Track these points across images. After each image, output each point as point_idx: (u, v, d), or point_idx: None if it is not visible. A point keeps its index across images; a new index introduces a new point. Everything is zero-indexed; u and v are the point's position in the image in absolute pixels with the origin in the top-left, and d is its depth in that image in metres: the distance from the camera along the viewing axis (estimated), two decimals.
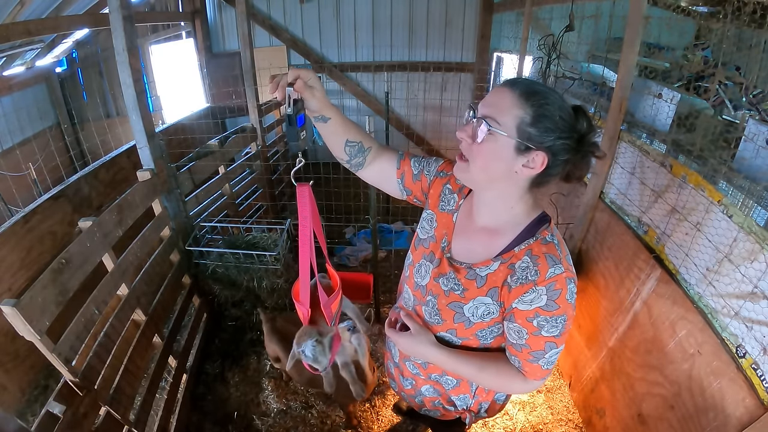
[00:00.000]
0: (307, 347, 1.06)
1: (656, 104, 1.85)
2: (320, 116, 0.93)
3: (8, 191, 3.21)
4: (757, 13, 1.33)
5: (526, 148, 0.77)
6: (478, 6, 4.64)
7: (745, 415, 1.15)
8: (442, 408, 1.15)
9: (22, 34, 2.66)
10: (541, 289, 0.80)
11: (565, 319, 0.83)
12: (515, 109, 0.76)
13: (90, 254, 1.51)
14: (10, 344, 2.03)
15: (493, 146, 0.79)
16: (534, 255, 0.82)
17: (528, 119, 0.75)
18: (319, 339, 1.07)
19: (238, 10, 3.12)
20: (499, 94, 0.78)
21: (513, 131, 0.76)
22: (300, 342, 1.08)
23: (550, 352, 0.86)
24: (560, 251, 0.82)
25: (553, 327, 0.83)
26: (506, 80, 0.81)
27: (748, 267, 1.19)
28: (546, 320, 0.82)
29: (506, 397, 1.19)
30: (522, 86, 0.77)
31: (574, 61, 2.71)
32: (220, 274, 2.35)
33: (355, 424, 2.06)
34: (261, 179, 3.53)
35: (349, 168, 1.06)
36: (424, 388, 1.13)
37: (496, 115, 0.77)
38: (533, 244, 0.83)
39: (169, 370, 2.09)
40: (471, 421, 1.16)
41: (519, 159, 0.78)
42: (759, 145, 1.34)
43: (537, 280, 0.80)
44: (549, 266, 0.80)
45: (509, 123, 0.76)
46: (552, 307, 0.81)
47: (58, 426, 1.20)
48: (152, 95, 4.78)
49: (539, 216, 0.88)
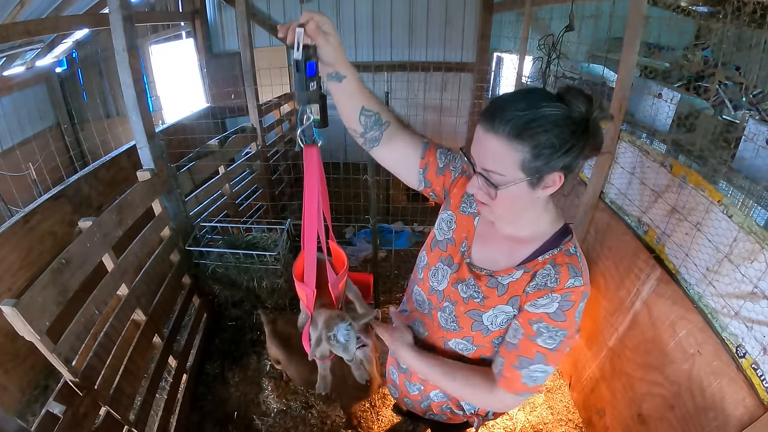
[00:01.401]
0: (340, 331, 0.91)
1: (656, 104, 1.85)
2: (334, 73, 0.84)
3: (8, 191, 3.21)
4: (757, 13, 1.33)
5: (540, 178, 0.73)
6: (478, 6, 4.64)
7: (745, 415, 1.15)
8: (450, 412, 1.13)
9: (22, 34, 2.66)
10: (555, 296, 0.79)
11: (565, 335, 0.81)
12: (511, 153, 0.71)
13: (90, 254, 1.51)
14: (10, 344, 2.03)
15: (507, 194, 0.75)
16: (557, 264, 0.81)
17: (528, 156, 0.70)
18: (352, 323, 0.94)
19: (238, 10, 3.12)
20: (487, 142, 0.72)
21: (519, 174, 0.72)
22: (331, 325, 0.93)
23: (536, 365, 0.82)
24: (582, 265, 0.81)
25: (550, 338, 0.80)
26: (484, 119, 0.73)
27: (748, 267, 1.19)
28: (547, 328, 0.80)
29: None
30: (505, 126, 0.69)
31: (574, 61, 2.71)
32: (220, 274, 2.35)
33: (355, 424, 2.06)
34: (261, 179, 3.54)
35: (363, 144, 0.94)
36: (434, 393, 1.10)
37: (497, 167, 0.73)
38: (557, 254, 0.82)
39: (169, 370, 2.09)
40: (479, 424, 1.13)
41: (536, 189, 0.75)
42: (759, 145, 1.34)
43: (555, 288, 0.79)
44: (570, 276, 0.79)
45: (512, 169, 0.72)
46: (558, 318, 0.79)
47: (58, 426, 1.20)
48: (152, 95, 4.78)
49: (563, 228, 0.86)
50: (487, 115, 0.72)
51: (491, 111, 0.72)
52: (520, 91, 0.76)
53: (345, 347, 0.93)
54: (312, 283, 0.90)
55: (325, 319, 0.95)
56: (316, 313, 0.98)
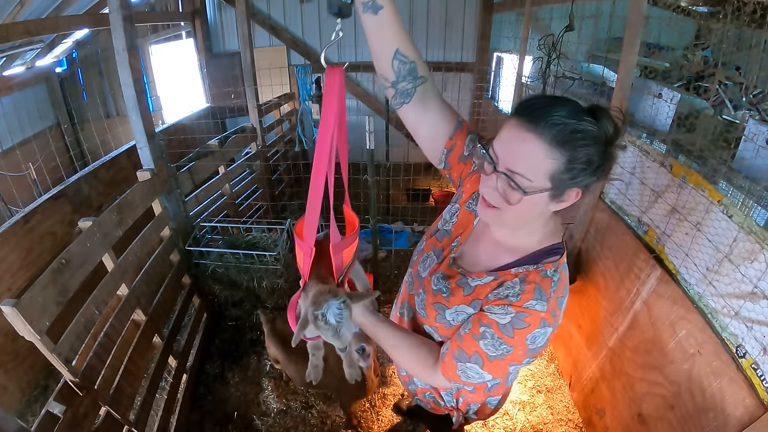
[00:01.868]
0: (331, 310, 0.75)
1: (656, 104, 1.85)
2: (371, 1, 0.78)
3: (8, 191, 3.21)
4: (757, 13, 1.33)
5: (562, 192, 0.70)
6: (478, 6, 4.65)
7: (745, 415, 1.15)
8: (433, 401, 1.14)
9: (22, 34, 2.66)
10: (511, 311, 0.76)
11: (509, 351, 0.76)
12: (547, 161, 0.66)
13: (90, 254, 1.51)
14: (10, 344, 2.03)
15: (526, 201, 0.70)
16: (526, 281, 0.77)
17: (562, 167, 0.67)
18: (347, 301, 0.77)
19: (238, 10, 3.12)
20: (525, 142, 0.67)
21: (546, 183, 0.68)
22: (318, 302, 0.76)
23: (472, 365, 0.80)
24: (554, 290, 0.77)
25: (492, 346, 0.77)
26: (526, 116, 0.67)
27: (748, 267, 1.19)
28: (492, 336, 0.77)
29: (499, 402, 1.14)
30: (551, 130, 0.65)
31: (574, 61, 2.71)
32: (220, 274, 2.36)
33: (355, 424, 2.06)
34: (261, 179, 3.54)
35: (392, 98, 0.88)
36: (416, 378, 1.12)
37: (526, 171, 0.67)
38: (531, 271, 0.78)
39: (169, 370, 2.09)
40: (458, 420, 1.14)
41: (553, 202, 0.72)
42: (759, 145, 1.34)
43: (514, 302, 0.76)
44: (533, 298, 0.75)
45: (541, 177, 0.68)
46: (506, 332, 0.76)
47: (58, 426, 1.20)
48: (152, 95, 4.78)
49: (553, 246, 0.81)
50: (529, 113, 0.67)
51: (534, 109, 0.67)
52: (557, 97, 0.71)
53: (336, 332, 0.76)
54: (311, 239, 0.78)
55: (314, 293, 0.78)
56: (308, 283, 0.82)
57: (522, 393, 2.24)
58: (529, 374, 2.35)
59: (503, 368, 0.80)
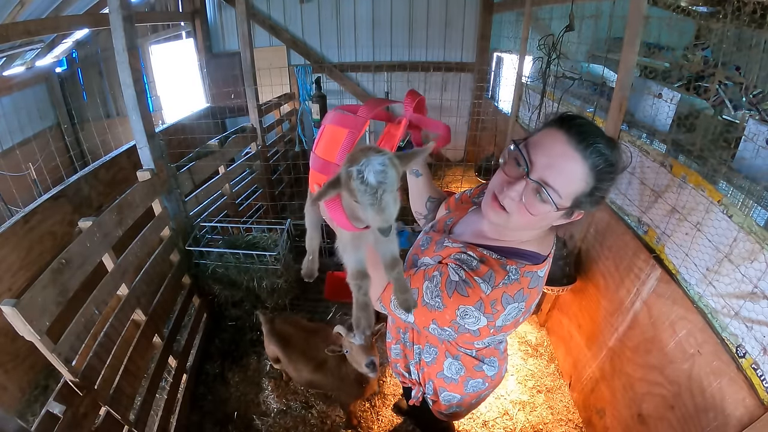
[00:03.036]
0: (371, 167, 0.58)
1: (656, 104, 1.85)
2: (415, 170, 1.09)
3: (8, 191, 3.22)
4: (757, 13, 1.33)
5: (573, 212, 0.75)
6: (478, 6, 4.65)
7: (745, 415, 1.15)
8: (401, 373, 1.23)
9: (22, 34, 2.66)
10: (462, 275, 0.78)
11: (438, 307, 0.80)
12: (581, 183, 0.70)
13: (90, 254, 1.51)
14: (10, 344, 2.03)
15: (544, 213, 0.73)
16: (484, 262, 0.80)
17: (587, 192, 0.71)
18: (392, 158, 0.60)
19: (238, 10, 3.12)
20: (571, 162, 0.69)
21: (569, 202, 0.72)
22: (356, 158, 0.59)
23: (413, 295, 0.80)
24: (504, 284, 0.77)
25: (430, 293, 0.81)
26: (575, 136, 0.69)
27: (748, 267, 1.19)
28: (437, 284, 0.80)
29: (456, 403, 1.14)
30: (597, 158, 0.68)
31: (574, 61, 2.71)
32: (220, 274, 2.36)
33: (355, 424, 2.06)
34: (261, 179, 3.54)
35: (423, 223, 1.19)
36: (393, 347, 1.21)
37: (561, 188, 0.70)
38: (492, 258, 0.81)
39: (169, 370, 2.09)
40: (416, 395, 1.20)
41: (562, 218, 0.77)
42: (759, 145, 1.34)
43: (467, 271, 0.79)
44: (482, 277, 0.77)
45: (569, 196, 0.71)
46: (448, 289, 0.78)
47: (58, 426, 1.20)
48: (152, 95, 4.78)
49: (531, 253, 0.84)
50: (578, 133, 0.69)
51: (582, 130, 0.70)
52: (593, 123, 0.74)
53: (375, 198, 0.58)
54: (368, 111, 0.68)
55: (354, 151, 0.62)
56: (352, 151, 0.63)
57: (522, 393, 2.24)
58: (529, 374, 2.35)
59: (427, 319, 0.83)
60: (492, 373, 1.08)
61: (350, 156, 0.61)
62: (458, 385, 1.08)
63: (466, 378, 1.07)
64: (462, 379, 1.07)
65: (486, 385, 1.10)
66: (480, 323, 0.79)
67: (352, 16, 4.79)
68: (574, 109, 2.49)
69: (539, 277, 0.83)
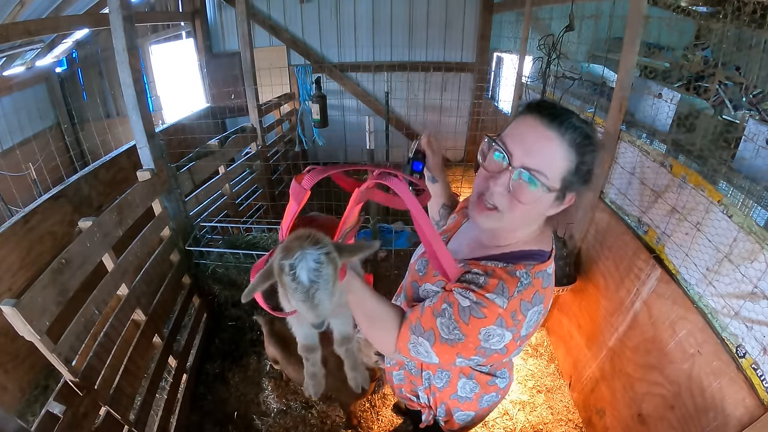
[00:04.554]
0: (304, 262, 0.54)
1: (656, 104, 1.85)
2: (432, 176, 1.08)
3: (8, 191, 3.21)
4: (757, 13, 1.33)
5: (565, 194, 0.73)
6: (478, 6, 4.65)
7: (745, 415, 1.15)
8: (407, 397, 1.19)
9: (22, 34, 2.66)
10: (471, 296, 0.74)
11: (460, 339, 0.74)
12: (565, 161, 0.69)
13: (90, 254, 1.51)
14: (10, 344, 2.03)
15: (535, 201, 0.72)
16: (492, 275, 0.75)
17: (573, 168, 0.70)
18: (333, 254, 0.57)
19: (238, 10, 3.12)
20: (547, 141, 0.69)
21: (558, 183, 0.71)
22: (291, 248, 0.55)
23: (424, 341, 0.78)
24: (519, 291, 0.73)
25: (446, 328, 0.75)
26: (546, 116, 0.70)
27: (748, 267, 1.19)
28: (450, 317, 0.75)
29: (470, 421, 1.11)
30: (573, 132, 0.68)
31: (574, 61, 2.71)
32: (220, 274, 2.35)
33: (355, 424, 2.06)
34: (261, 179, 3.54)
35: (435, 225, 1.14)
36: (395, 373, 1.18)
37: (545, 168, 0.69)
38: (498, 269, 0.76)
39: (169, 370, 2.09)
40: (427, 419, 1.17)
41: (554, 205, 0.75)
42: (759, 145, 1.34)
43: (476, 290, 0.74)
44: (494, 292, 0.73)
45: (556, 176, 0.70)
46: (463, 317, 0.73)
47: (58, 426, 1.20)
48: (152, 95, 4.78)
49: (535, 251, 0.80)
50: (549, 114, 0.70)
51: (551, 110, 0.70)
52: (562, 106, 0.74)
53: (308, 296, 0.54)
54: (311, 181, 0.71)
55: (290, 238, 0.58)
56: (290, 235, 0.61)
57: (522, 393, 2.24)
58: (529, 374, 2.35)
59: (451, 355, 0.77)
60: (504, 385, 1.07)
61: (285, 245, 0.57)
62: (473, 403, 1.05)
63: (481, 395, 1.04)
64: (476, 397, 1.04)
65: (499, 396, 1.08)
66: (505, 339, 0.74)
67: (352, 16, 4.79)
68: (574, 109, 2.49)
69: (549, 275, 0.79)
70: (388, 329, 0.82)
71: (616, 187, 1.93)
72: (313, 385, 0.78)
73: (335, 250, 0.57)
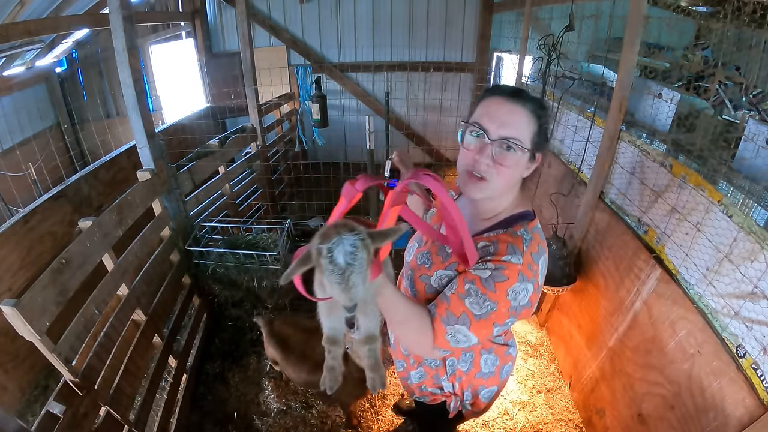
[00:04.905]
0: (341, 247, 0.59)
1: (656, 104, 1.85)
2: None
3: (8, 191, 3.21)
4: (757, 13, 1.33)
5: (534, 154, 0.86)
6: (478, 6, 4.64)
7: (745, 415, 1.15)
8: (430, 393, 1.18)
9: (22, 34, 2.66)
10: (490, 265, 0.83)
11: (493, 308, 0.82)
12: (531, 125, 0.84)
13: (90, 254, 1.51)
14: (10, 344, 2.03)
15: (514, 163, 0.84)
16: (499, 242, 0.86)
17: (537, 130, 0.84)
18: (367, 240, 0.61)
19: (238, 10, 3.12)
20: (513, 113, 0.83)
21: (529, 144, 0.84)
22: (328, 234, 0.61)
23: (460, 327, 0.84)
24: (527, 246, 0.84)
25: (477, 304, 0.82)
26: (506, 94, 0.84)
27: (748, 267, 1.19)
28: (476, 292, 0.82)
29: (492, 396, 1.17)
30: (532, 103, 0.84)
31: (574, 61, 2.71)
32: (220, 274, 2.35)
33: (355, 424, 2.06)
34: (261, 179, 3.54)
35: None
36: (413, 373, 1.17)
37: (518, 134, 0.83)
38: (501, 234, 0.88)
39: (169, 370, 2.09)
40: (455, 406, 1.16)
41: (529, 164, 0.88)
42: (759, 145, 1.34)
43: (491, 259, 0.84)
44: (507, 253, 0.83)
45: (527, 139, 0.84)
46: (488, 286, 0.82)
47: (58, 426, 1.20)
48: (152, 95, 4.78)
49: (522, 212, 0.92)
50: (508, 92, 0.85)
51: (510, 89, 0.86)
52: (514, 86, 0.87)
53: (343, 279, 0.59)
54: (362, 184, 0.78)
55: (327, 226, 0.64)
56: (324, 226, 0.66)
57: (522, 393, 2.24)
58: (529, 374, 2.35)
59: (488, 328, 0.85)
60: (515, 352, 1.15)
61: (323, 232, 0.62)
62: (495, 377, 1.12)
63: (501, 366, 1.11)
64: (498, 369, 1.11)
65: (512, 366, 1.16)
66: (528, 292, 0.84)
67: (352, 16, 4.79)
68: (574, 108, 2.49)
69: (540, 229, 0.92)
70: (423, 331, 0.87)
71: (616, 187, 1.93)
72: (330, 378, 0.81)
73: (369, 237, 0.62)
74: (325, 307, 0.79)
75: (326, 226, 0.64)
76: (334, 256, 0.59)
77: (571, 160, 2.46)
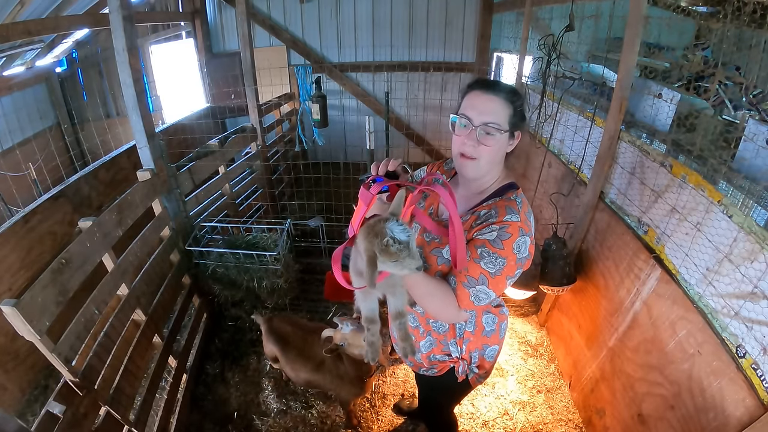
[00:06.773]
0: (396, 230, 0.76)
1: (656, 104, 1.85)
2: None
3: (8, 191, 3.21)
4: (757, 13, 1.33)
5: (513, 133, 1.03)
6: (478, 6, 4.64)
7: (745, 415, 1.15)
8: (438, 361, 1.26)
9: (22, 34, 2.66)
10: (495, 227, 0.98)
11: (504, 263, 0.97)
12: (506, 110, 1.00)
13: (90, 254, 1.51)
14: (10, 344, 2.03)
15: (496, 144, 1.01)
16: (497, 207, 1.02)
17: (512, 113, 1.01)
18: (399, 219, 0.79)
19: (238, 10, 3.12)
20: (490, 101, 1.00)
21: (507, 126, 1.01)
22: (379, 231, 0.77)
23: (480, 286, 0.98)
24: (520, 207, 1.01)
25: (491, 263, 0.97)
26: (483, 87, 1.01)
27: (748, 267, 1.19)
28: (488, 253, 0.97)
29: (495, 354, 1.28)
30: (505, 91, 1.00)
31: (574, 61, 2.71)
32: (220, 274, 2.36)
33: (355, 424, 2.06)
34: (261, 179, 3.54)
35: None
36: (422, 342, 1.25)
37: (496, 119, 0.99)
38: (498, 201, 1.04)
39: (169, 370, 2.09)
40: (464, 369, 1.24)
41: (510, 142, 1.04)
42: (759, 145, 1.34)
43: (495, 221, 0.99)
44: (507, 213, 0.99)
45: (504, 121, 1.00)
46: (497, 245, 0.97)
47: (58, 426, 1.20)
48: (152, 95, 4.78)
49: (509, 183, 1.09)
50: (484, 85, 1.02)
51: (486, 82, 1.03)
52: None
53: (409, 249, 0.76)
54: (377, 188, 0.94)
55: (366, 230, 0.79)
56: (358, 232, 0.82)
57: (522, 393, 2.24)
58: (529, 374, 2.35)
59: (503, 282, 1.00)
60: (506, 311, 1.28)
61: (372, 232, 0.77)
62: (496, 334, 1.23)
63: (500, 323, 1.24)
64: (497, 326, 1.23)
65: (507, 324, 1.29)
66: (527, 244, 0.99)
67: (352, 16, 4.78)
68: (574, 108, 2.49)
69: (524, 195, 1.08)
70: (446, 300, 1.00)
71: (616, 187, 1.93)
72: (371, 351, 0.99)
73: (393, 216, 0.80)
74: (361, 294, 0.96)
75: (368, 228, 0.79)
76: (398, 238, 0.75)
77: (571, 160, 2.46)
